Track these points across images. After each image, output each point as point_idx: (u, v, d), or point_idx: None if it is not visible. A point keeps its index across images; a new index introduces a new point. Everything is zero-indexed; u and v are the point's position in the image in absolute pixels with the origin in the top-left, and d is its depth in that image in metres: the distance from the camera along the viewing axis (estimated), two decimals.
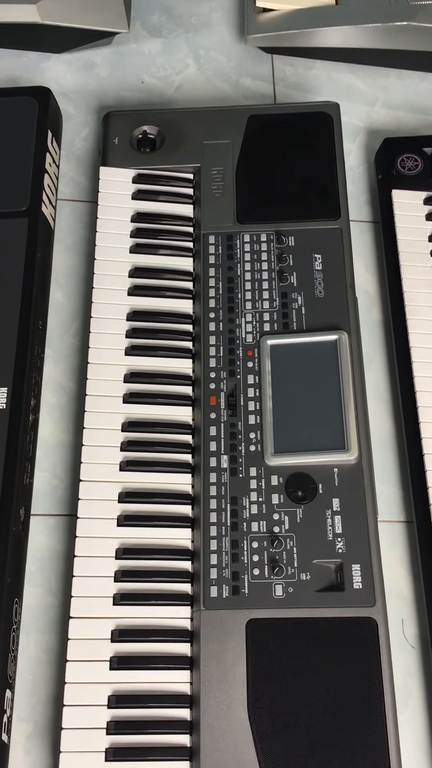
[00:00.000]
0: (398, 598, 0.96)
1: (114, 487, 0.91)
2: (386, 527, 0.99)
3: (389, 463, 1.03)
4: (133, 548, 0.88)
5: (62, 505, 0.96)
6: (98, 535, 0.89)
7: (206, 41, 1.29)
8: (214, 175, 1.09)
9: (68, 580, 0.88)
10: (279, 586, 0.86)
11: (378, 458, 1.01)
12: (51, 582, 0.92)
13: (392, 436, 1.05)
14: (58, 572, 0.93)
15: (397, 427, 1.05)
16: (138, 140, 1.12)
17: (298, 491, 0.90)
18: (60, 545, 0.94)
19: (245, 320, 1.00)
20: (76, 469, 0.94)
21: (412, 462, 1.00)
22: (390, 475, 1.03)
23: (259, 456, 0.92)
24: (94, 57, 1.25)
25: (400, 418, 1.04)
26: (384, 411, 1.06)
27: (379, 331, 1.11)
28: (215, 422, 0.94)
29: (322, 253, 1.03)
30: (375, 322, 1.12)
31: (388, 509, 1.00)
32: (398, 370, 1.05)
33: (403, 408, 1.03)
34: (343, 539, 0.88)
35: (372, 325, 1.11)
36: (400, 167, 1.15)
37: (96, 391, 0.96)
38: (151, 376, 0.97)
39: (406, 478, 1.01)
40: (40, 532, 0.94)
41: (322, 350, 0.97)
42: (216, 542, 0.88)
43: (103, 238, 1.05)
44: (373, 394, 1.07)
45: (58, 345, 1.05)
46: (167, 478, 0.93)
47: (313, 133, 1.11)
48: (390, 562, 0.97)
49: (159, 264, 1.04)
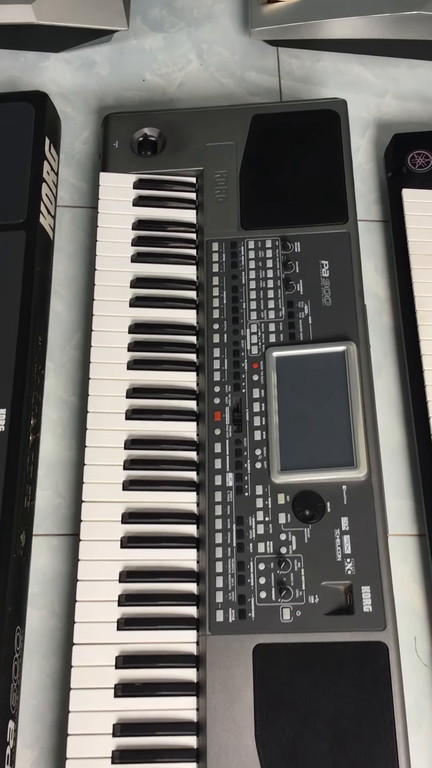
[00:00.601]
0: (411, 614, 0.94)
1: (117, 507, 0.89)
2: (398, 541, 0.96)
3: (400, 474, 1.00)
4: (138, 571, 0.87)
5: (65, 525, 0.94)
6: (101, 558, 0.87)
7: (209, 35, 1.25)
8: (217, 178, 1.06)
9: (72, 602, 0.86)
10: (287, 609, 0.84)
11: (388, 469, 0.99)
12: (54, 604, 0.91)
13: (403, 446, 1.02)
14: (62, 594, 0.91)
15: (409, 436, 1.02)
16: (139, 143, 1.08)
17: (306, 510, 0.87)
18: (63, 566, 0.92)
19: (250, 331, 0.97)
20: (79, 487, 0.92)
21: (424, 473, 0.97)
22: (401, 486, 1.00)
23: (266, 473, 0.89)
24: (93, 55, 1.22)
25: (411, 427, 1.01)
26: (395, 420, 1.03)
27: (389, 336, 1.08)
28: (220, 439, 0.92)
29: (330, 259, 1.00)
30: (385, 327, 1.08)
31: (399, 522, 0.98)
32: (409, 378, 1.02)
33: (415, 417, 1.00)
34: (353, 560, 0.85)
35: (382, 330, 1.08)
36: (411, 164, 1.11)
37: (98, 407, 0.94)
38: (154, 391, 0.95)
39: (418, 490, 0.99)
40: (42, 553, 0.93)
41: (330, 362, 0.94)
42: (222, 564, 0.86)
43: (103, 248, 1.02)
44: (384, 401, 1.04)
45: (59, 358, 1.03)
46: (171, 497, 0.91)
47: (320, 132, 1.07)
48: (402, 577, 0.95)
49: (161, 273, 1.01)
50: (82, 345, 1.03)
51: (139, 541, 0.88)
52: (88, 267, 1.07)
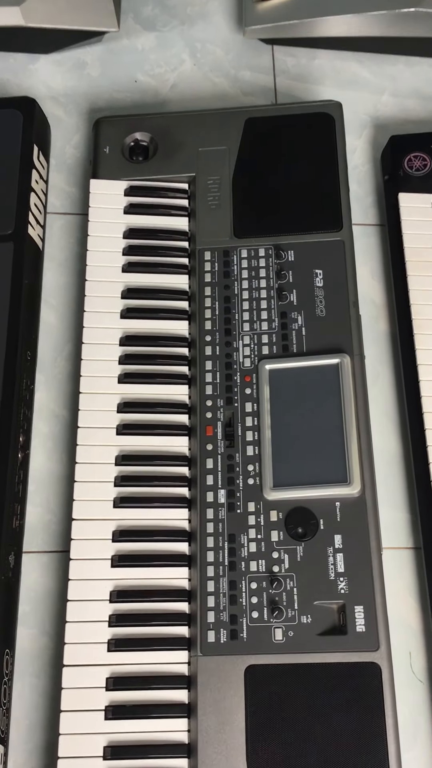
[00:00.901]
0: (405, 629, 0.93)
1: (108, 525, 0.88)
2: (393, 554, 0.95)
3: (395, 486, 0.99)
4: (128, 590, 0.86)
5: (56, 541, 0.93)
6: (92, 577, 0.86)
7: (202, 33, 1.23)
8: (209, 184, 1.04)
9: (63, 619, 0.85)
10: (279, 629, 0.83)
11: (384, 480, 0.97)
12: (45, 623, 0.90)
13: (399, 457, 1.01)
14: (53, 612, 0.90)
15: (405, 446, 1.01)
16: (130, 148, 1.06)
17: (299, 528, 0.86)
18: (54, 583, 0.92)
19: (243, 343, 0.95)
20: (69, 503, 0.91)
21: (419, 485, 0.96)
22: (396, 498, 0.98)
23: (258, 490, 0.88)
24: (84, 56, 1.19)
25: (407, 438, 1.00)
26: (390, 429, 1.02)
27: (385, 343, 1.06)
28: (212, 454, 0.90)
29: (324, 268, 0.98)
30: (381, 334, 1.07)
31: (394, 535, 0.97)
32: (405, 388, 1.00)
33: (411, 427, 0.99)
34: (346, 579, 0.84)
35: (378, 337, 1.06)
36: (408, 167, 1.09)
37: (88, 422, 0.92)
38: (145, 405, 0.94)
39: (414, 502, 0.97)
40: (33, 570, 0.92)
41: (323, 375, 0.92)
42: (213, 583, 0.85)
43: (94, 257, 1.00)
44: (380, 411, 1.02)
45: (50, 370, 1.01)
46: (163, 514, 0.89)
47: (314, 136, 1.05)
48: (397, 591, 0.94)
49: (153, 283, 1.00)
50: (74, 356, 1.02)
51: (130, 560, 0.87)
52: (80, 276, 1.06)
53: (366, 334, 1.02)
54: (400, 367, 1.02)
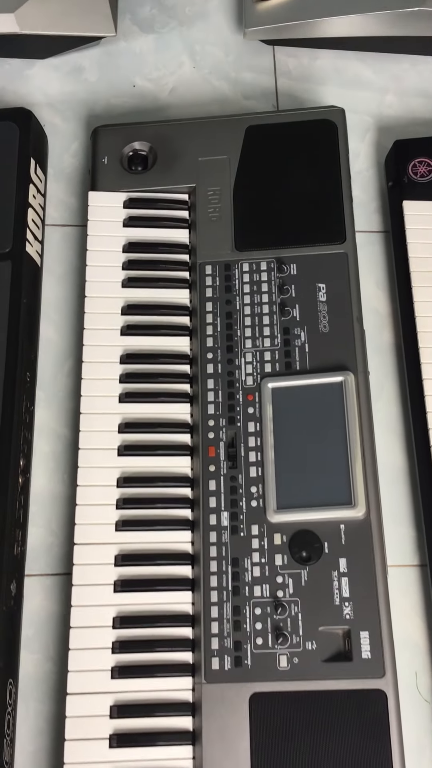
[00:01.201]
0: (412, 649, 0.92)
1: (110, 549, 0.87)
2: (398, 572, 0.94)
3: (400, 502, 0.98)
4: (131, 616, 0.85)
5: (58, 564, 0.92)
6: (95, 603, 0.85)
7: (202, 34, 1.20)
8: (210, 196, 1.02)
9: (67, 644, 0.84)
10: (283, 656, 0.82)
11: (388, 496, 0.96)
12: (49, 647, 0.89)
13: (404, 472, 0.99)
14: (56, 636, 0.90)
15: (410, 461, 1.00)
16: (129, 158, 1.04)
17: (303, 551, 0.85)
18: (57, 606, 0.91)
19: (245, 360, 0.94)
20: (72, 524, 0.90)
21: (425, 501, 0.95)
22: (401, 514, 0.97)
23: (261, 512, 0.87)
24: (81, 60, 1.17)
25: (412, 453, 0.99)
26: (395, 444, 1.01)
27: (390, 354, 1.04)
28: (214, 475, 0.89)
29: (327, 281, 0.96)
30: (386, 345, 1.05)
31: (400, 552, 0.95)
32: (410, 402, 0.99)
33: (416, 442, 0.97)
34: (351, 604, 0.83)
35: (383, 349, 1.05)
36: (412, 174, 1.07)
37: (89, 443, 0.91)
38: (147, 425, 0.92)
39: (420, 518, 0.96)
40: (35, 594, 0.91)
41: (327, 393, 0.91)
42: (217, 609, 0.84)
43: (93, 273, 0.99)
44: (384, 425, 1.01)
45: (50, 387, 1.00)
46: (165, 537, 0.88)
47: (316, 144, 1.03)
48: (403, 610, 0.93)
49: (153, 299, 0.98)
50: (75, 373, 1.00)
51: (133, 585, 0.86)
52: (79, 289, 1.04)
53: (370, 346, 1.00)
54: (405, 380, 1.01)
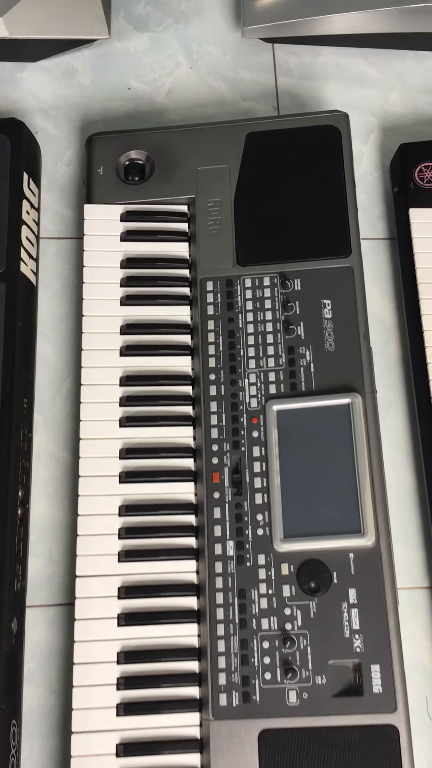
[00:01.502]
0: (421, 672, 0.90)
1: (113, 581, 0.85)
2: (407, 595, 0.92)
3: (409, 522, 0.96)
4: (136, 651, 0.83)
5: (61, 594, 0.90)
6: (98, 638, 0.83)
7: (198, 32, 1.16)
8: (209, 207, 0.98)
9: (70, 677, 0.82)
10: (293, 691, 0.80)
11: (396, 516, 0.94)
12: (52, 680, 0.87)
13: (412, 491, 0.97)
14: (60, 668, 0.88)
15: (419, 480, 0.97)
16: (125, 168, 1.01)
17: (311, 582, 0.83)
18: (60, 638, 0.89)
19: (249, 381, 0.91)
20: (73, 552, 0.87)
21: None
22: (410, 535, 0.95)
23: (268, 541, 0.85)
24: (74, 61, 1.12)
25: (421, 471, 0.96)
26: (404, 462, 0.98)
27: (397, 367, 1.02)
28: (219, 503, 0.87)
29: (332, 297, 0.93)
30: (393, 357, 1.02)
31: (408, 574, 0.93)
32: (419, 418, 0.96)
33: (425, 459, 0.95)
34: (361, 636, 0.81)
35: (389, 361, 1.02)
36: (419, 179, 1.03)
37: (90, 470, 0.89)
38: (148, 451, 0.90)
39: (429, 539, 0.94)
40: (38, 626, 0.89)
41: (334, 416, 0.88)
42: (224, 642, 0.82)
43: (90, 290, 0.95)
44: (392, 442, 0.98)
45: (48, 409, 0.97)
46: (169, 567, 0.86)
47: (319, 151, 0.99)
48: (412, 633, 0.91)
49: (153, 317, 0.95)
50: (73, 394, 0.98)
51: (137, 618, 0.84)
52: (76, 305, 1.01)
53: (376, 359, 0.97)
54: (412, 395, 0.98)
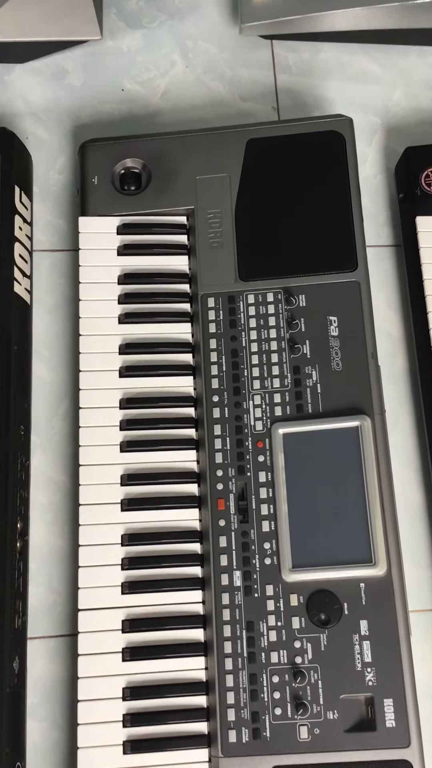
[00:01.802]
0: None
1: (116, 614, 0.82)
2: (418, 617, 0.90)
3: (419, 541, 0.93)
4: (142, 686, 0.81)
5: (62, 625, 0.88)
6: (102, 674, 0.81)
7: (194, 29, 1.11)
8: (210, 219, 0.94)
9: (74, 710, 0.80)
10: (304, 727, 0.78)
11: (406, 536, 0.92)
12: (56, 714, 0.85)
13: (422, 509, 0.94)
14: (63, 702, 0.86)
15: (428, 497, 0.95)
16: (120, 177, 0.97)
17: (321, 613, 0.81)
18: (62, 670, 0.86)
19: (253, 403, 0.88)
20: (75, 580, 0.85)
21: None
22: (421, 554, 0.93)
23: (276, 570, 0.82)
24: (65, 62, 1.08)
25: (431, 487, 0.94)
26: (412, 479, 0.95)
27: (404, 381, 0.99)
28: (225, 531, 0.84)
29: (338, 314, 0.90)
30: (399, 371, 0.99)
31: (419, 596, 0.91)
32: (428, 435, 0.93)
33: None
34: (374, 669, 0.79)
35: (396, 375, 0.99)
36: (425, 185, 0.99)
37: (90, 498, 0.86)
38: (151, 476, 0.87)
39: None
40: (40, 658, 0.86)
41: (342, 440, 0.85)
42: (232, 677, 0.80)
43: (87, 308, 0.92)
44: (400, 459, 0.95)
45: (45, 431, 0.94)
46: (174, 598, 0.84)
47: (323, 159, 0.95)
48: (423, 656, 0.89)
49: (153, 335, 0.92)
50: (71, 415, 0.94)
51: (142, 653, 0.81)
52: (72, 321, 0.97)
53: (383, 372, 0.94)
54: (421, 410, 0.95)
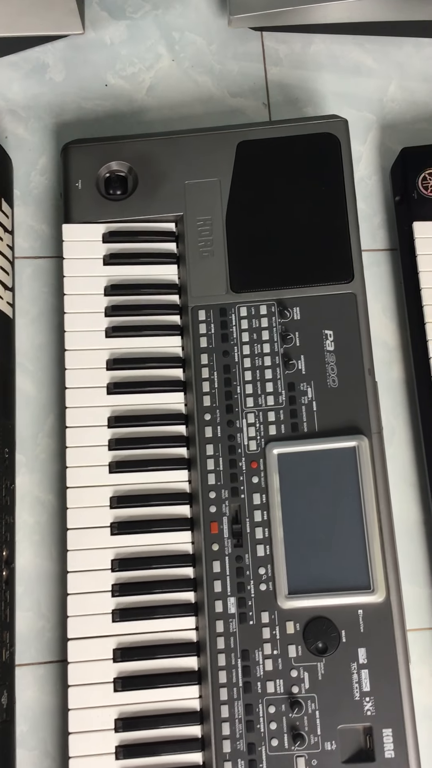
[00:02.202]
0: (430, 719, 0.87)
1: (107, 642, 0.80)
2: (415, 637, 0.88)
3: (416, 558, 0.91)
4: (135, 717, 0.78)
5: (51, 651, 0.85)
6: (94, 705, 0.78)
7: (180, 19, 1.06)
8: (199, 226, 0.90)
9: (65, 738, 0.78)
10: (301, 758, 0.76)
11: (403, 552, 0.90)
12: (47, 743, 0.83)
13: (419, 525, 0.92)
14: (53, 731, 0.83)
15: (425, 513, 0.92)
16: (106, 181, 0.92)
17: (318, 641, 0.79)
18: (52, 699, 0.84)
19: (247, 422, 0.85)
20: (63, 604, 0.82)
21: None
22: (418, 572, 0.91)
23: (271, 597, 0.80)
24: (44, 55, 1.03)
25: (428, 503, 0.91)
26: (409, 494, 0.93)
27: (400, 391, 0.96)
28: (219, 555, 0.81)
29: (334, 328, 0.87)
30: (395, 382, 0.96)
31: (417, 615, 0.89)
32: (425, 449, 0.91)
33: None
34: (372, 699, 0.77)
35: (392, 386, 0.96)
36: (422, 188, 0.96)
37: (79, 521, 0.83)
38: (141, 498, 0.84)
39: None
40: (28, 686, 0.84)
41: (339, 460, 0.83)
42: (227, 708, 0.78)
43: (72, 321, 0.88)
44: (397, 473, 0.93)
45: (31, 449, 0.91)
46: (167, 625, 0.81)
47: (317, 163, 0.91)
48: (420, 678, 0.88)
49: (141, 350, 0.88)
50: (57, 432, 0.91)
51: (134, 683, 0.79)
52: (57, 332, 0.94)
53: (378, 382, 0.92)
54: (417, 422, 0.93)
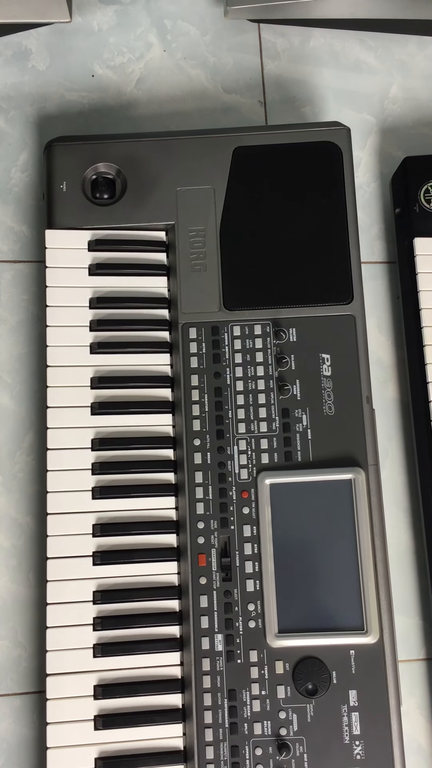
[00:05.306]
0: (417, 753, 0.85)
1: (88, 679, 0.76)
2: (404, 669, 0.86)
3: (406, 587, 0.89)
4: (115, 756, 0.75)
5: (28, 681, 0.82)
6: (73, 743, 0.75)
7: (173, 6, 0.99)
8: (192, 237, 0.85)
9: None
10: None
11: (393, 580, 0.87)
12: None
13: (410, 553, 0.90)
14: (30, 765, 0.80)
15: (417, 541, 0.90)
16: (92, 183, 0.87)
17: (308, 682, 0.76)
18: (29, 731, 0.81)
19: (238, 449, 0.81)
20: (40, 632, 0.79)
21: None
22: (408, 601, 0.88)
23: (260, 635, 0.77)
24: (27, 41, 0.96)
25: (420, 530, 0.89)
26: (401, 520, 0.90)
27: (395, 412, 0.93)
28: (206, 590, 0.78)
29: (332, 351, 0.83)
30: (390, 401, 0.93)
31: (405, 645, 0.87)
32: (419, 472, 0.88)
33: (425, 519, 0.88)
34: (362, 742, 0.75)
35: (386, 406, 0.93)
36: (425, 201, 0.92)
37: (59, 550, 0.79)
38: (125, 526, 0.80)
39: (428, 607, 0.87)
40: (4, 718, 0.80)
41: (334, 493, 0.79)
42: (212, 749, 0.75)
43: (55, 336, 0.83)
44: (389, 498, 0.90)
45: (9, 467, 0.86)
46: (150, 660, 0.78)
47: (317, 173, 0.87)
48: (408, 710, 0.86)
49: (128, 367, 0.84)
50: (36, 450, 0.86)
51: (116, 722, 0.76)
52: (38, 343, 0.89)
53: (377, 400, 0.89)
54: (412, 444, 0.90)
